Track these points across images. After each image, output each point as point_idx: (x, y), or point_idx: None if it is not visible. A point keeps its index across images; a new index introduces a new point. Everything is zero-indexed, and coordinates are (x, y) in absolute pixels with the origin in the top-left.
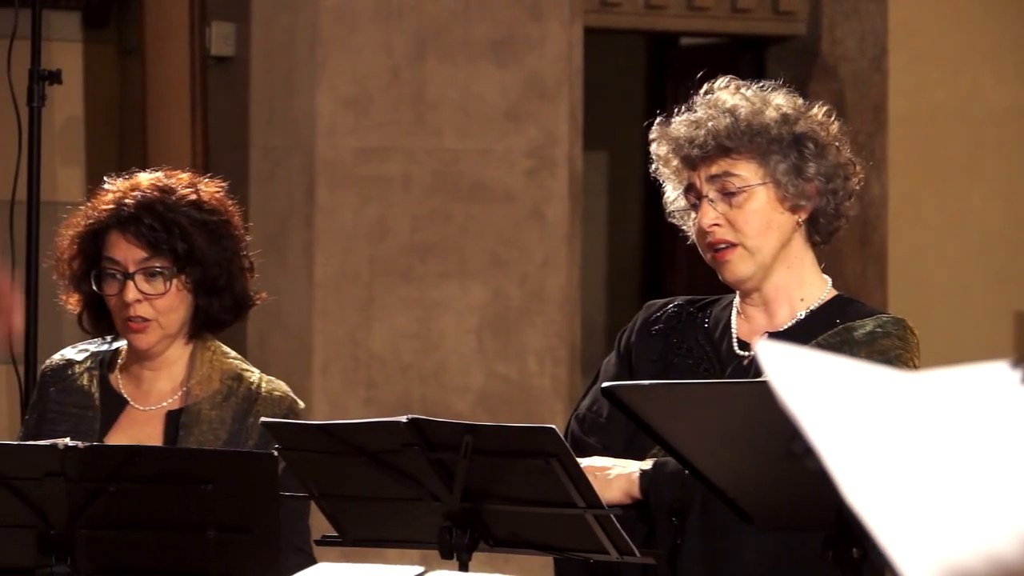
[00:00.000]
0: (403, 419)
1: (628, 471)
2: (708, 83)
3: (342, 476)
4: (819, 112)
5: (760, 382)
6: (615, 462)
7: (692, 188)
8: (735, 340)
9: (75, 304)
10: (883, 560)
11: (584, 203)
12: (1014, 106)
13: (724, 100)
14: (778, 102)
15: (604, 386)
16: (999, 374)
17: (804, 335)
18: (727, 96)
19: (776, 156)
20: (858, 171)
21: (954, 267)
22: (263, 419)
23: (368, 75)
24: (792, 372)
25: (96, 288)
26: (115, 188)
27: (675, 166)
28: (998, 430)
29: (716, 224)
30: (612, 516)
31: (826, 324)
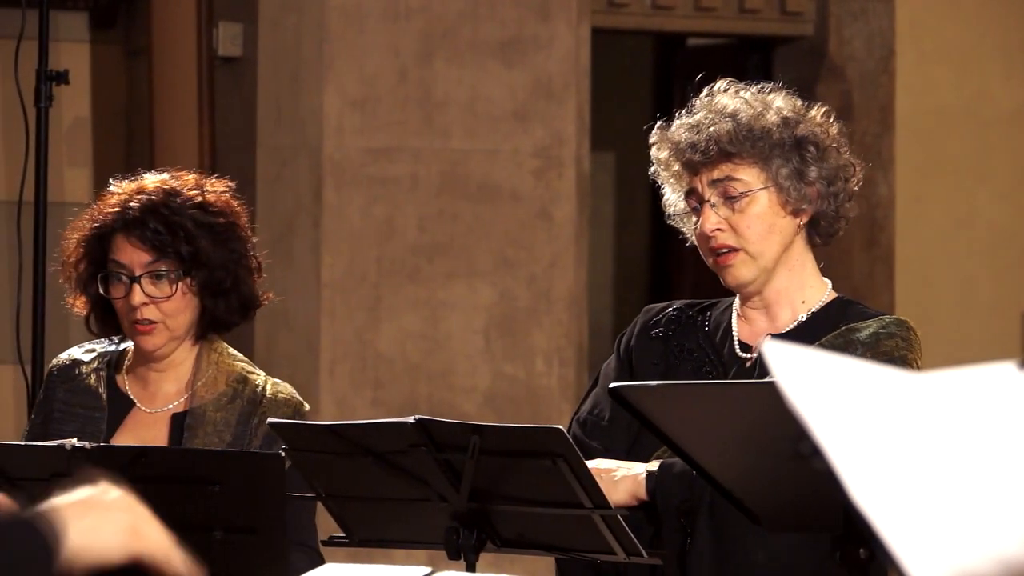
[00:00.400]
0: (410, 419)
1: (634, 473)
2: (708, 86)
3: (349, 477)
4: (818, 114)
5: (767, 382)
6: (620, 464)
7: (693, 192)
8: (736, 342)
9: (82, 306)
10: (890, 561)
11: (591, 204)
12: (1021, 106)
13: (725, 104)
14: (778, 105)
15: (611, 387)
16: (1006, 374)
17: (806, 337)
18: (727, 100)
19: (778, 160)
20: (858, 172)
21: (961, 267)
22: (270, 419)
23: (375, 75)
24: (799, 373)
25: (103, 291)
26: (120, 190)
27: (676, 170)
28: (1005, 430)
29: (718, 229)
30: (619, 516)
31: (828, 326)
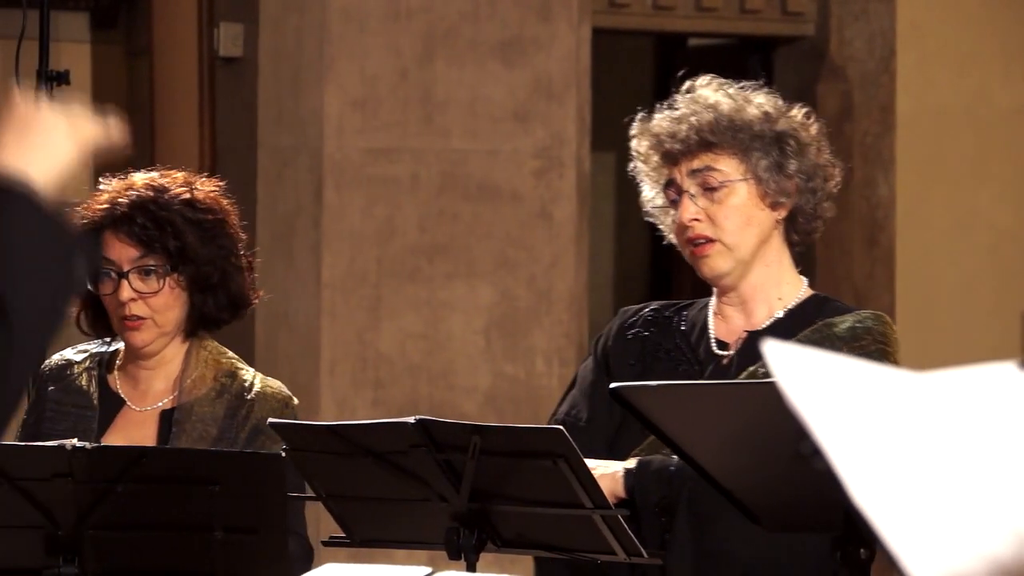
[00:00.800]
0: (410, 420)
1: (612, 470)
2: (689, 81)
3: (350, 477)
4: (800, 113)
5: (768, 383)
6: (598, 463)
7: (672, 183)
8: (713, 340)
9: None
10: (890, 561)
11: (592, 204)
12: (1022, 107)
13: (706, 96)
14: (759, 100)
15: (612, 387)
16: (1007, 374)
17: (782, 334)
18: (709, 92)
19: (758, 152)
20: (836, 174)
21: (962, 267)
22: (271, 420)
23: (376, 76)
24: (800, 373)
25: (91, 287)
26: (110, 188)
27: (655, 162)
28: (1006, 431)
29: (696, 219)
30: (620, 517)
31: (804, 322)
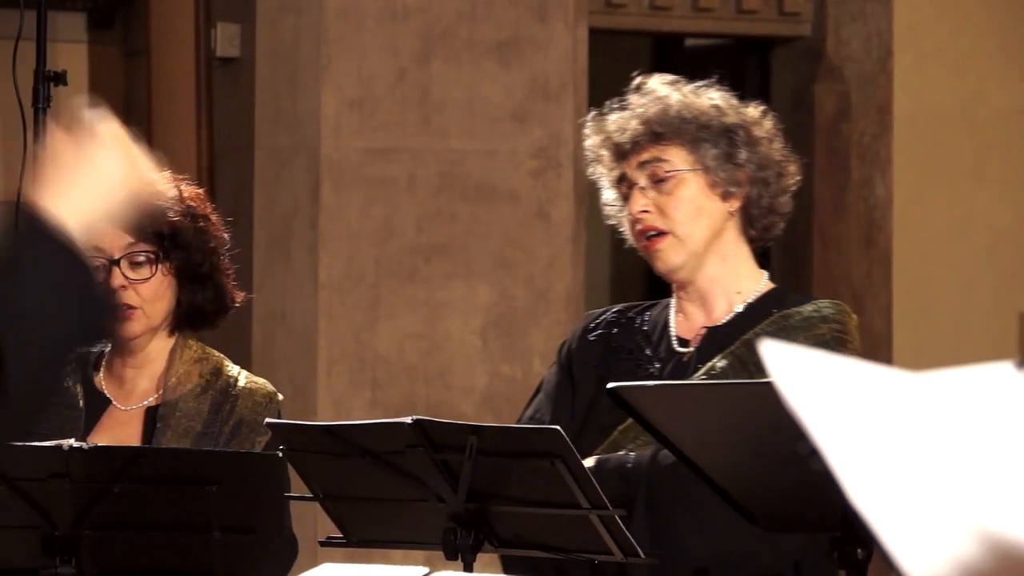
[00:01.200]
0: (408, 420)
1: None
2: (642, 79)
3: (347, 477)
4: (754, 110)
5: (765, 383)
6: None
7: (624, 178)
8: (674, 338)
9: None
10: (887, 561)
11: (589, 204)
12: (1019, 107)
13: (656, 90)
14: (712, 95)
15: (609, 387)
16: (1004, 375)
17: (743, 328)
18: (660, 87)
19: (706, 143)
20: (792, 170)
21: (959, 268)
22: (268, 420)
23: (373, 76)
24: (796, 372)
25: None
26: None
27: (607, 159)
28: (1003, 431)
29: (646, 211)
30: (617, 517)
31: (764, 316)
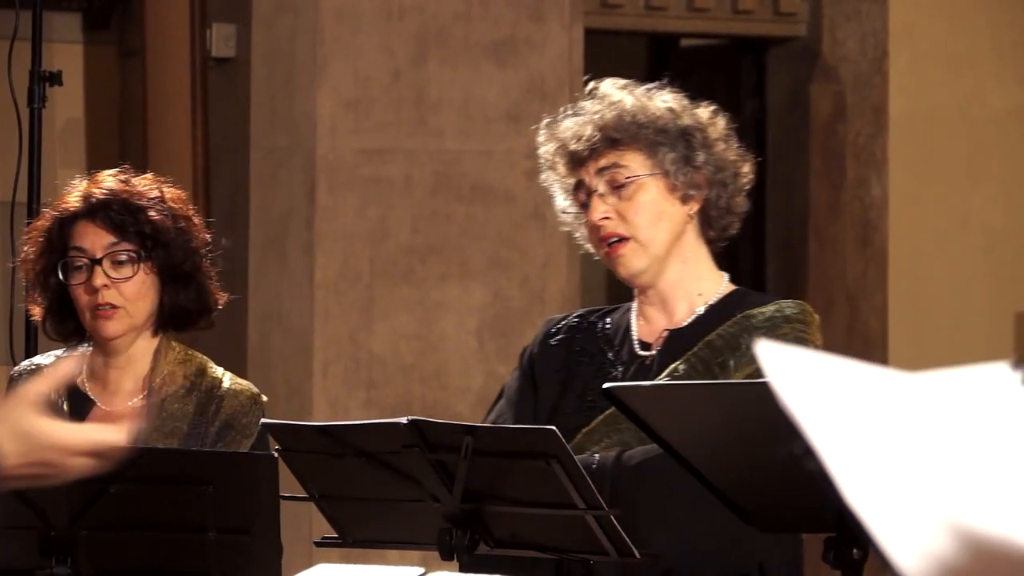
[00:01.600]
0: (403, 420)
1: None
2: (594, 83)
3: (342, 477)
4: (705, 111)
5: (760, 383)
6: None
7: (581, 185)
8: (636, 341)
9: (38, 313)
10: (882, 560)
11: None
12: (1015, 108)
13: (610, 95)
14: (664, 97)
15: (605, 387)
16: (1000, 375)
17: (705, 330)
18: (613, 91)
19: (664, 147)
20: (747, 169)
21: (955, 268)
22: (264, 420)
23: (369, 76)
24: (792, 372)
25: (63, 277)
26: (79, 187)
27: (562, 167)
28: (998, 431)
29: (606, 218)
30: (612, 517)
31: (726, 317)
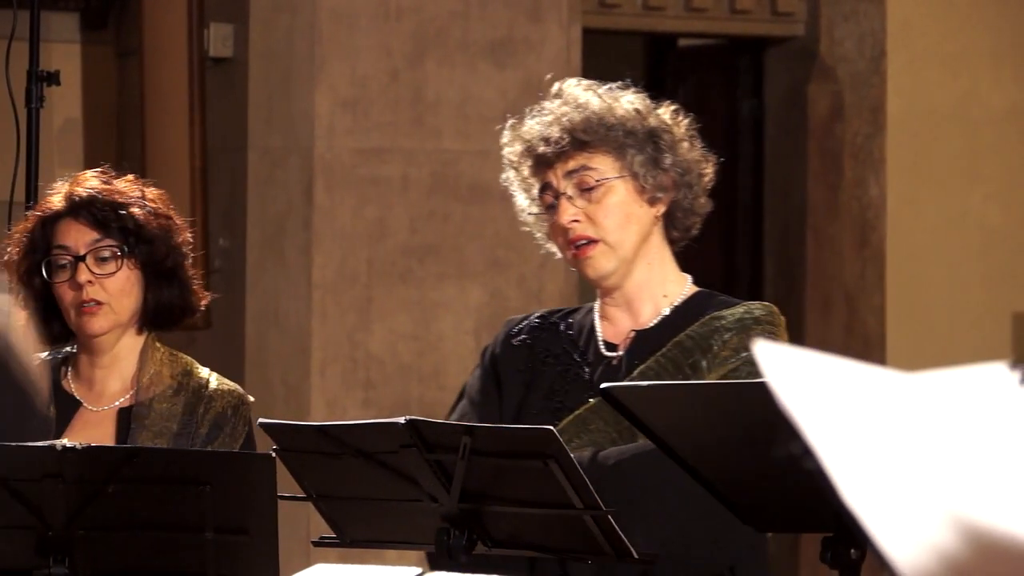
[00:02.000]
0: (401, 420)
1: None
2: (558, 84)
3: (340, 477)
4: (667, 110)
5: (758, 383)
6: None
7: (548, 187)
8: (601, 342)
9: (23, 316)
10: (880, 559)
11: None
12: (1012, 107)
13: (576, 96)
14: (629, 98)
15: (603, 387)
16: (997, 375)
17: (671, 331)
18: (578, 92)
19: (632, 149)
20: (709, 169)
21: (953, 268)
22: (261, 420)
23: (367, 76)
24: (790, 372)
25: (47, 276)
26: (61, 187)
27: (529, 167)
28: (996, 431)
29: (575, 220)
30: (610, 517)
31: (692, 318)
